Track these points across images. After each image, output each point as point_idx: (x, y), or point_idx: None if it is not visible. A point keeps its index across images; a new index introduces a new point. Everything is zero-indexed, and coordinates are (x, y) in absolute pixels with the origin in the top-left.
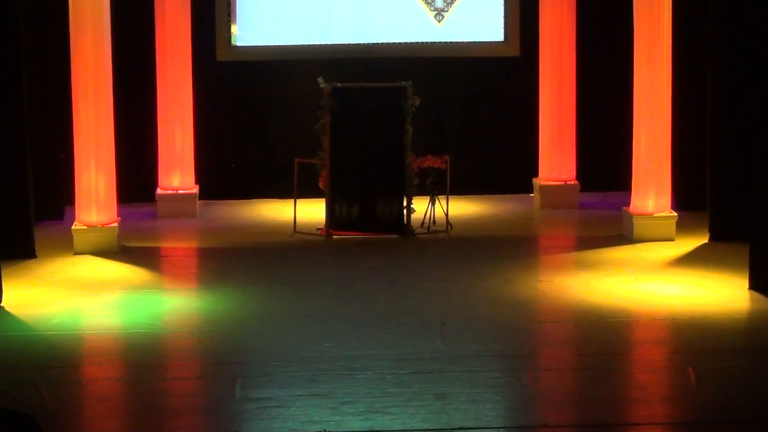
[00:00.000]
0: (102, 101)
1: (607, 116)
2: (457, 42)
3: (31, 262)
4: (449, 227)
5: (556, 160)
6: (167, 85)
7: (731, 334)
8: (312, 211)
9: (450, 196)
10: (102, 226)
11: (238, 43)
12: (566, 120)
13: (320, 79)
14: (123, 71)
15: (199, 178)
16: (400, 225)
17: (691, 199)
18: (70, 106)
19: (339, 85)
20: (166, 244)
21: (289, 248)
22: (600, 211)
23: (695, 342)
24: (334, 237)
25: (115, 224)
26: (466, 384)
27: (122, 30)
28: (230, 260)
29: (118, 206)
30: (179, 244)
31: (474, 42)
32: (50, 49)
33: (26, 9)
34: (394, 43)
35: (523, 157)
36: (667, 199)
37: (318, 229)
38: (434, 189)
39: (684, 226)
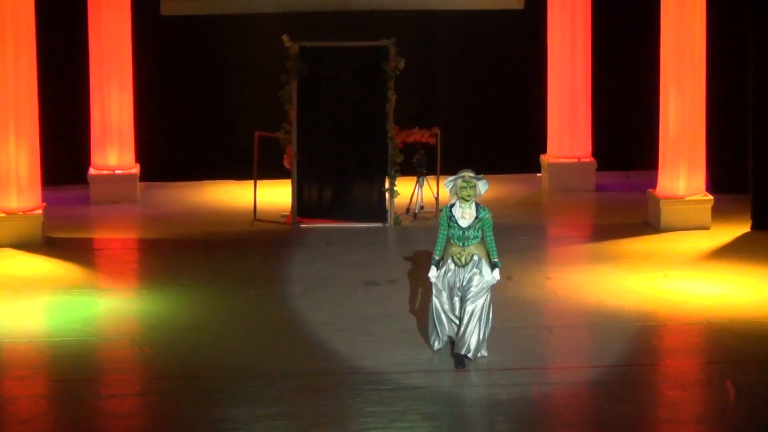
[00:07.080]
0: (23, 63)
1: (629, 82)
2: None
3: None
4: (439, 213)
5: (568, 134)
6: (101, 43)
7: None
8: (276, 195)
9: (441, 177)
10: (24, 213)
11: None
12: (580, 87)
13: (285, 37)
14: (48, 27)
15: (140, 156)
16: (380, 211)
17: (729, 180)
18: None
19: (307, 44)
20: (100, 235)
21: (249, 240)
22: (621, 194)
23: (734, 351)
24: (302, 226)
25: (40, 211)
26: (461, 402)
27: None
28: (178, 254)
29: (43, 190)
30: (117, 235)
31: None
32: None
33: None
34: None
35: (529, 130)
36: (701, 179)
37: (283, 216)
38: (422, 168)
39: (721, 212)
